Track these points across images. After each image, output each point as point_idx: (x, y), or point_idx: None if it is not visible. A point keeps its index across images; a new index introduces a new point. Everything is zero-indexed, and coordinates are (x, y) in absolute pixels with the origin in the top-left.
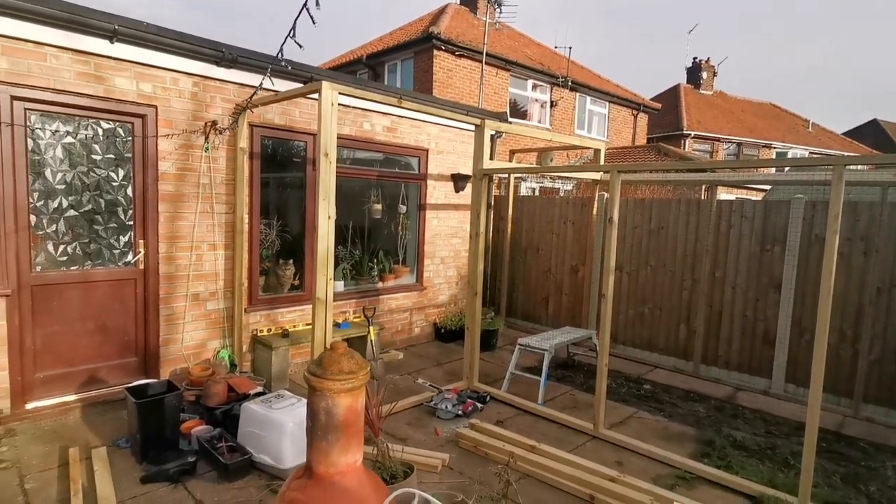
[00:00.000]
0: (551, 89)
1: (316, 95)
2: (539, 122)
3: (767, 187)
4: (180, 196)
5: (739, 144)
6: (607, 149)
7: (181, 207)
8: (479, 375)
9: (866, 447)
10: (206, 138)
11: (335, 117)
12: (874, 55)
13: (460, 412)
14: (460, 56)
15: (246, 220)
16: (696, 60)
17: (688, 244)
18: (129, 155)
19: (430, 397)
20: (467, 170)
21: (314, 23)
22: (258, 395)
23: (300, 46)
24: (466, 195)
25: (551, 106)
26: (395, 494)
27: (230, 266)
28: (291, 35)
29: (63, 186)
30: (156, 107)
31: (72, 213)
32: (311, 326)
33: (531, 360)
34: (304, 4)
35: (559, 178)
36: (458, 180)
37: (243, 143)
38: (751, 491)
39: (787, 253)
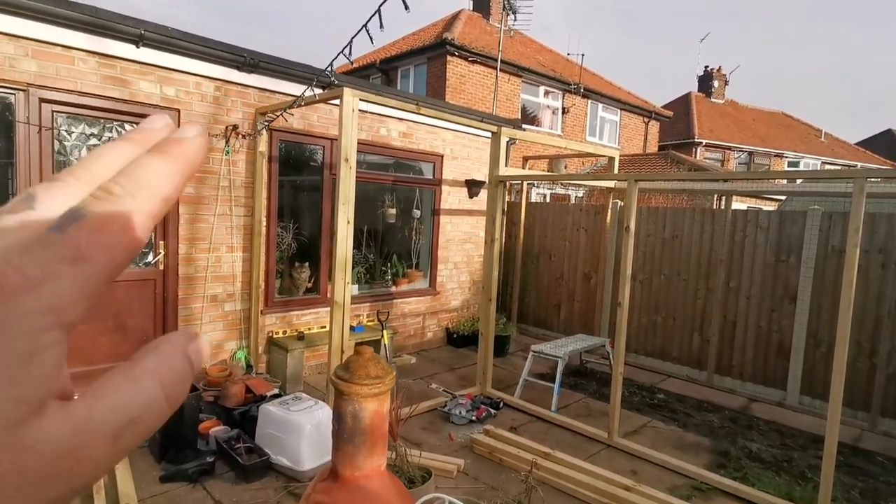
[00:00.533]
0: (563, 96)
1: (336, 101)
2: (550, 128)
3: (782, 197)
4: (200, 198)
5: (751, 153)
6: (620, 156)
7: (201, 210)
8: (492, 381)
9: (885, 462)
10: (227, 142)
11: (356, 123)
12: (886, 64)
13: (474, 418)
14: (473, 62)
15: (264, 223)
16: (708, 69)
17: (702, 253)
18: None
19: (444, 402)
20: (481, 176)
21: (371, 41)
22: (275, 396)
23: (351, 63)
24: (480, 201)
25: (563, 112)
26: (425, 500)
27: (248, 268)
28: (347, 53)
29: None
30: (178, 110)
31: None
32: (325, 329)
33: (544, 366)
34: (364, 25)
35: (571, 184)
36: (472, 186)
37: (263, 146)
38: None
39: (802, 264)
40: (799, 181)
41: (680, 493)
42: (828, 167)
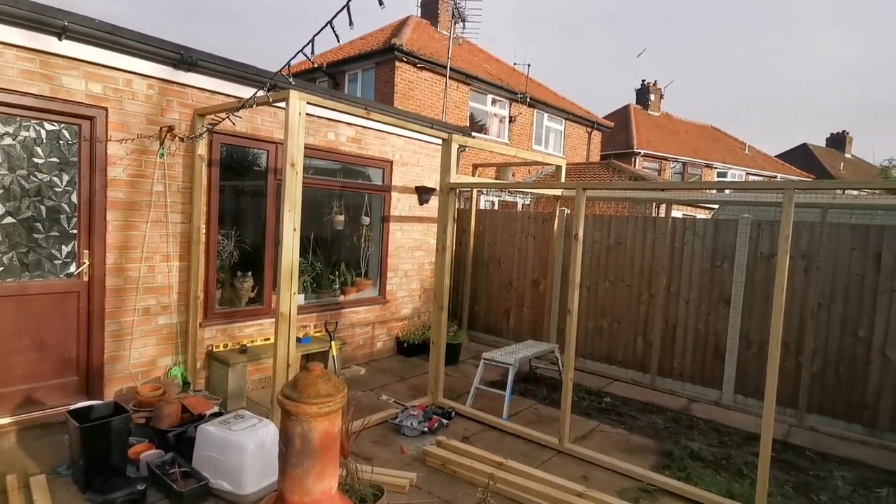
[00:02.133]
0: (510, 105)
1: (282, 104)
2: (498, 136)
3: (716, 206)
4: (131, 204)
5: (684, 164)
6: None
7: (132, 216)
8: (444, 390)
9: (813, 456)
10: (162, 144)
11: (303, 127)
12: (803, 82)
13: (426, 429)
14: (422, 69)
15: (203, 230)
16: (645, 83)
17: (644, 260)
18: (75, 159)
19: (395, 414)
20: (431, 182)
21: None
22: (215, 415)
23: (314, 65)
24: (430, 208)
25: (510, 121)
26: None
27: (185, 278)
28: (310, 57)
29: (0, 191)
30: (106, 109)
31: (9, 220)
32: (270, 341)
33: (495, 373)
34: (330, 21)
35: (518, 192)
36: (423, 193)
37: (202, 150)
38: (710, 502)
39: (735, 269)
40: (728, 191)
41: (628, 496)
42: (752, 178)
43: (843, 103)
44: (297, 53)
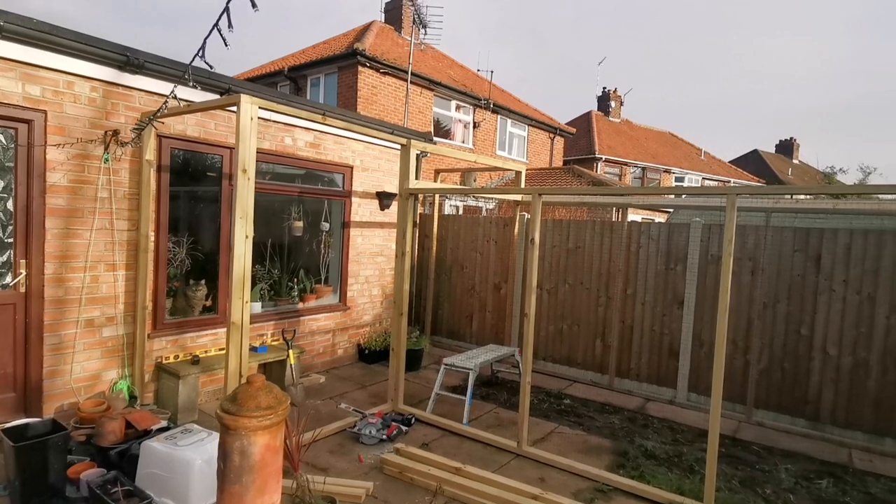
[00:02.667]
0: (474, 110)
1: (234, 108)
2: (462, 141)
3: (672, 209)
4: (73, 211)
5: (644, 169)
6: (527, 169)
7: (74, 223)
8: (405, 397)
9: (760, 451)
10: (107, 148)
11: (255, 132)
12: (753, 91)
13: (385, 437)
14: (385, 74)
15: (152, 238)
16: (606, 90)
17: (602, 263)
18: (11, 164)
19: (354, 422)
20: (393, 188)
21: (227, 45)
22: (162, 430)
23: (210, 67)
24: (392, 213)
25: (474, 127)
26: None
27: (132, 288)
28: (201, 55)
29: None
30: (45, 112)
31: None
32: (224, 351)
33: (457, 378)
34: (216, 24)
35: (482, 197)
36: (384, 198)
37: (150, 154)
38: (661, 499)
39: (688, 271)
40: (683, 196)
41: (584, 497)
42: (707, 182)
43: (792, 111)
44: (192, 59)
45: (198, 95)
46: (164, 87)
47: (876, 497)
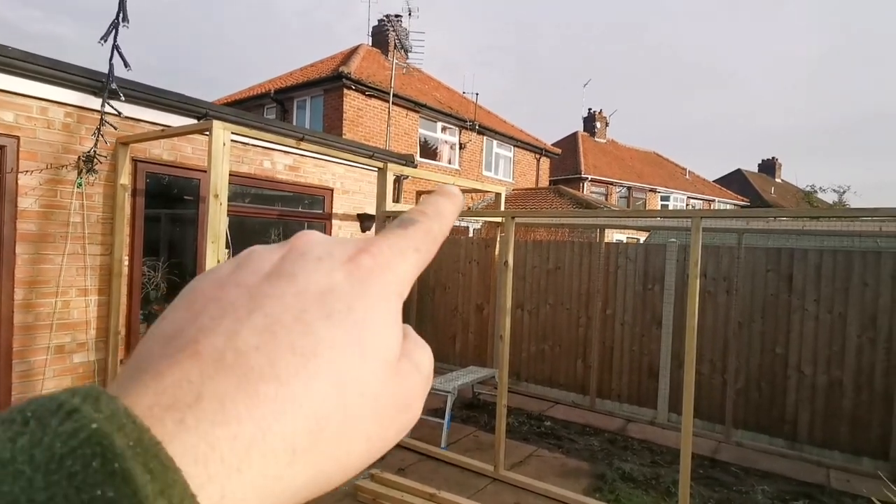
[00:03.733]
0: (460, 132)
1: (210, 133)
2: (449, 162)
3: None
4: (45, 236)
5: (630, 188)
6: (513, 189)
7: (45, 248)
8: None
9: (738, 471)
10: (80, 173)
11: (227, 157)
12: (737, 111)
13: None
14: (370, 96)
15: (126, 262)
16: (591, 111)
17: (582, 283)
18: None
19: None
20: (374, 210)
21: (127, 67)
22: None
23: (127, 67)
24: (373, 235)
25: (460, 148)
26: None
27: (104, 313)
28: (110, 57)
29: None
30: (18, 137)
31: None
32: None
33: (437, 401)
34: (114, 22)
35: (466, 218)
36: (365, 220)
37: (124, 179)
38: None
39: (665, 291)
40: (658, 218)
41: None
42: (692, 201)
43: (775, 132)
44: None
45: (174, 120)
46: (137, 111)
47: None
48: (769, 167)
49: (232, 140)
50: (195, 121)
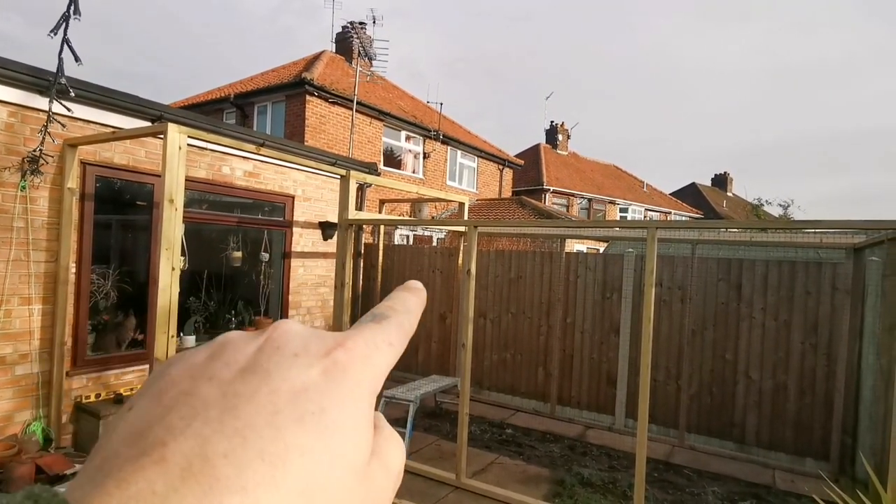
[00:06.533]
0: (424, 141)
1: (164, 136)
2: (413, 171)
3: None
4: None
5: (590, 200)
6: (477, 200)
7: None
8: None
9: (690, 474)
10: (24, 176)
11: (183, 161)
12: (689, 129)
13: None
14: (333, 103)
15: (73, 270)
16: (553, 123)
17: (543, 292)
18: None
19: None
20: (336, 217)
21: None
22: (76, 475)
23: (77, 61)
24: (335, 243)
25: (424, 157)
26: None
27: (49, 322)
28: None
29: None
30: None
31: None
32: None
33: (399, 411)
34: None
35: (431, 227)
36: (326, 228)
37: (72, 182)
38: None
39: (623, 300)
40: (616, 229)
41: None
42: (650, 213)
43: (725, 148)
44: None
45: (126, 122)
46: (87, 112)
47: None
48: (721, 181)
49: (188, 144)
50: (149, 123)
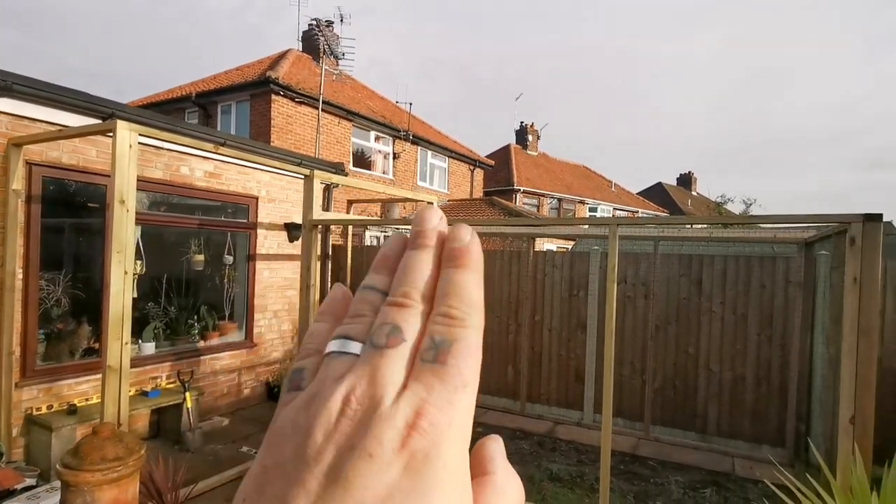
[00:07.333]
0: (393, 142)
1: (113, 134)
2: (383, 172)
3: (576, 238)
4: None
5: (560, 200)
6: (448, 200)
7: None
8: None
9: (655, 465)
10: None
11: (134, 160)
12: (659, 131)
13: None
14: (300, 103)
15: (19, 276)
16: (523, 124)
17: (511, 290)
18: None
19: None
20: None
21: None
22: (27, 489)
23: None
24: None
25: (394, 158)
26: None
27: None
28: None
29: None
30: None
31: None
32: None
33: None
34: None
35: (391, 227)
36: (293, 230)
37: (17, 184)
38: None
39: (589, 297)
40: (586, 227)
41: None
42: (618, 212)
43: (690, 147)
44: None
45: (76, 120)
46: (34, 110)
47: (753, 501)
48: (686, 181)
49: (143, 143)
50: (100, 121)
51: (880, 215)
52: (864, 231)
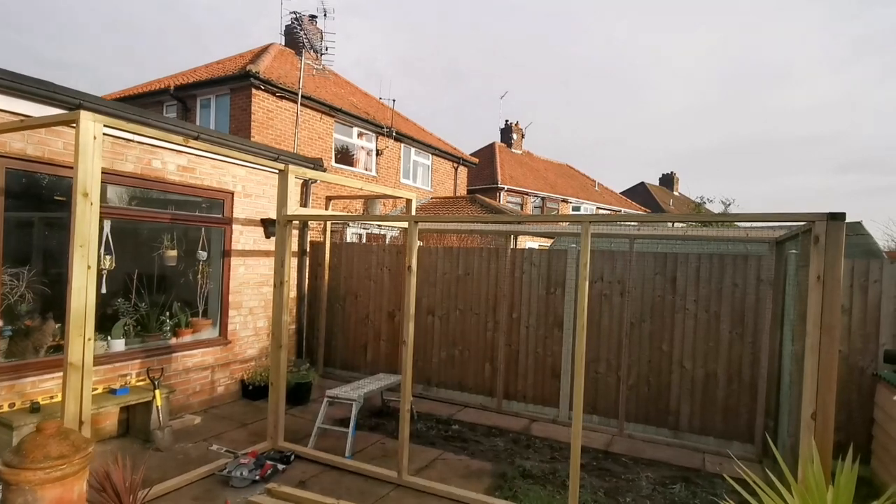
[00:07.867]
0: (377, 138)
1: (77, 125)
2: (366, 169)
3: (554, 237)
4: None
5: (543, 198)
6: (431, 198)
7: None
8: (288, 433)
9: (627, 461)
10: None
11: (99, 152)
12: (639, 132)
13: (258, 477)
14: (281, 98)
15: None
16: (508, 123)
17: (490, 288)
18: None
19: (224, 465)
20: None
21: None
22: None
23: None
24: None
25: (377, 154)
26: None
27: None
28: None
29: None
30: None
31: None
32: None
33: (344, 410)
34: None
35: (386, 224)
36: (269, 225)
37: None
38: None
39: (566, 295)
40: (565, 224)
41: None
42: (601, 211)
43: (674, 148)
44: None
45: (39, 110)
46: (6, 102)
47: (720, 496)
48: (668, 181)
49: (113, 136)
50: (67, 112)
51: (843, 214)
52: (828, 229)
